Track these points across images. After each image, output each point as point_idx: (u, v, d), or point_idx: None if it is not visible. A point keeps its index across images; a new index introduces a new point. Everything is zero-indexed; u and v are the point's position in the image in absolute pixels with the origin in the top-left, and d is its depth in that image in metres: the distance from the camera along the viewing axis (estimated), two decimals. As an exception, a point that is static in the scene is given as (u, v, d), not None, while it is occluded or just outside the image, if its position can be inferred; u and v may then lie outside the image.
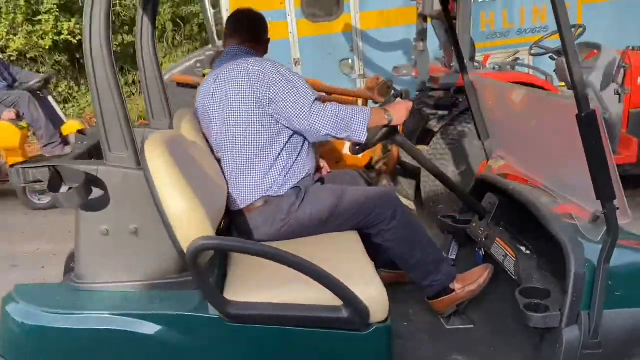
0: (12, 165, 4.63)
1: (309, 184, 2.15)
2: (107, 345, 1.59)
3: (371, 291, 1.68)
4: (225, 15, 5.21)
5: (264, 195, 2.07)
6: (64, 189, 1.60)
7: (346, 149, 3.36)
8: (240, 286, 1.71)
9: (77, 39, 8.25)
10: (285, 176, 2.09)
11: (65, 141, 5.40)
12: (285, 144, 2.10)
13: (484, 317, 2.20)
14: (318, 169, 2.43)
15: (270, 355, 1.67)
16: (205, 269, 1.63)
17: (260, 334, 1.63)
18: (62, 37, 8.12)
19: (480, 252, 2.36)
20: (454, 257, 2.48)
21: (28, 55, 8.23)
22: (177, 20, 8.87)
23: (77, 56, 8.87)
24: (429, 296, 2.16)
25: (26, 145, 5.16)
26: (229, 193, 2.10)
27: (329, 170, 2.50)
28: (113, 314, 1.58)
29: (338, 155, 3.37)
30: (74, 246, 1.70)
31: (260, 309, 1.63)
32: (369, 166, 3.58)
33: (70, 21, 8.15)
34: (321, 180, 2.28)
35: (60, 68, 8.55)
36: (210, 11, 5.93)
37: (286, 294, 1.66)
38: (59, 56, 8.46)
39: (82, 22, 7.72)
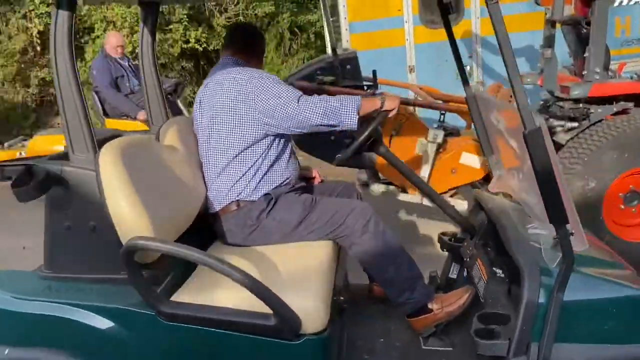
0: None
1: (283, 192, 2.17)
2: (61, 332, 1.73)
3: (305, 302, 1.68)
4: (343, 23, 5.29)
5: (236, 199, 2.13)
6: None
7: (464, 159, 3.26)
8: (192, 288, 1.78)
9: (202, 46, 8.79)
10: (257, 183, 2.14)
11: None
12: (263, 152, 2.15)
13: (465, 341, 2.03)
14: (309, 178, 2.51)
15: (200, 356, 1.72)
16: (164, 267, 1.76)
17: (192, 334, 1.67)
18: (189, 45, 8.67)
19: (464, 273, 2.25)
20: (454, 276, 2.37)
21: (159, 62, 8.92)
22: (295, 29, 9.14)
23: (201, 63, 9.43)
24: (407, 314, 2.10)
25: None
26: (206, 196, 2.18)
27: (320, 180, 2.54)
28: (68, 304, 1.71)
29: (454, 166, 3.28)
30: None
31: (191, 309, 1.68)
32: (487, 179, 3.44)
33: (197, 30, 8.69)
34: (303, 189, 2.30)
35: (186, 74, 9.14)
36: (329, 19, 6.06)
37: (225, 298, 1.69)
38: (185, 62, 9.05)
39: (207, 30, 8.17)
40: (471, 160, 3.25)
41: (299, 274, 1.87)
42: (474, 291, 2.07)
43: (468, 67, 5.58)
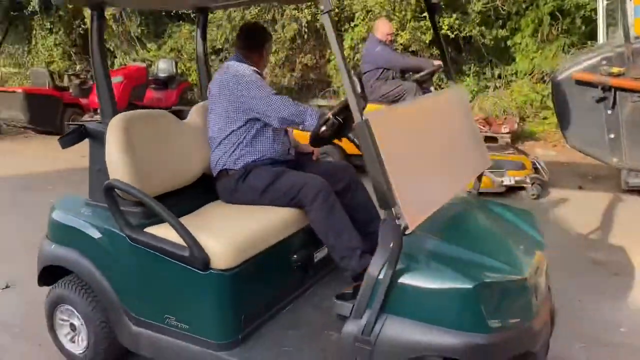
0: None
1: (258, 164, 2.74)
2: (80, 239, 2.59)
3: (215, 244, 2.23)
4: (629, 5, 4.70)
5: (223, 168, 2.77)
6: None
7: None
8: (164, 225, 2.35)
9: (454, 33, 8.72)
10: (238, 156, 2.74)
11: None
12: (245, 132, 2.74)
13: None
14: (307, 153, 3.06)
15: (148, 271, 2.42)
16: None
17: (143, 254, 2.37)
18: (442, 32, 8.67)
19: None
20: None
21: (410, 49, 9.14)
22: (556, 13, 8.44)
23: (449, 50, 9.37)
24: (352, 279, 2.38)
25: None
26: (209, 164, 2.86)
27: (317, 157, 3.10)
28: (87, 222, 2.59)
29: None
30: None
31: (145, 237, 2.36)
32: None
33: (451, 17, 8.65)
34: (287, 163, 2.83)
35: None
36: (602, 3, 5.46)
37: (172, 233, 2.27)
38: (435, 50, 9.11)
39: (461, 17, 8.04)
40: None
41: (227, 225, 2.45)
42: None
43: None
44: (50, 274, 2.78)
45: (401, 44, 8.94)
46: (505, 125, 7.46)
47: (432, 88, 6.03)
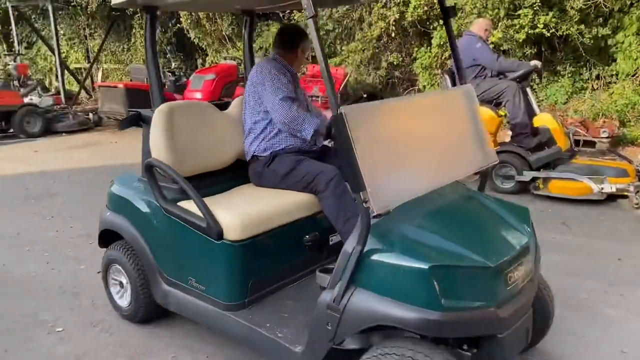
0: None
1: (283, 152, 3.04)
2: (129, 208, 3.06)
3: (228, 218, 2.57)
4: None
5: (254, 154, 3.12)
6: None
7: None
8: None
9: (550, 32, 8.32)
10: (265, 145, 3.07)
11: (535, 132, 5.60)
12: (269, 123, 3.05)
13: None
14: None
15: (176, 236, 2.79)
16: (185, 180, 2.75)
17: (172, 222, 2.78)
18: (536, 30, 8.32)
19: None
20: None
21: (502, 48, 8.82)
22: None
23: (543, 49, 8.96)
24: None
25: (500, 133, 5.56)
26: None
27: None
28: (136, 195, 3.05)
29: None
30: None
31: (175, 208, 2.76)
32: None
33: (547, 15, 8.27)
34: (310, 153, 3.07)
35: (526, 60, 8.82)
36: None
37: (195, 207, 2.65)
38: (528, 49, 8.75)
39: (558, 15, 7.54)
40: None
41: (246, 204, 2.77)
42: None
43: None
44: (107, 237, 3.29)
45: (492, 43, 8.64)
46: (604, 129, 7.05)
47: (528, 89, 5.79)
